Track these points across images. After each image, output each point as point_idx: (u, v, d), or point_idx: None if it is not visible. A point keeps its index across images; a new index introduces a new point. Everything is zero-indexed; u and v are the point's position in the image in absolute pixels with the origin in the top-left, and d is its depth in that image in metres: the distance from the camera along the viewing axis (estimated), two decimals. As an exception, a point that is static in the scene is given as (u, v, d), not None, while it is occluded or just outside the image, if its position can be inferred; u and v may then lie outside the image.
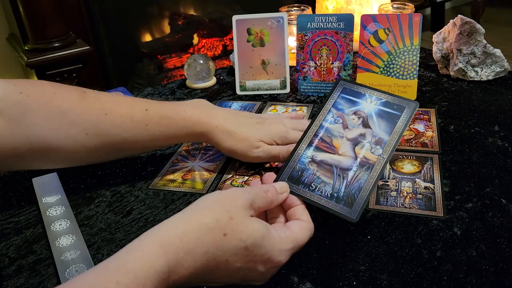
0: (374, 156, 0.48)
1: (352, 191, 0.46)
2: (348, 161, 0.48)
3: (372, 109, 0.50)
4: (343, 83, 0.53)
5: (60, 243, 0.57)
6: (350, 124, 0.49)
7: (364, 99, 0.51)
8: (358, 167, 0.48)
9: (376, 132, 0.49)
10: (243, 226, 0.43)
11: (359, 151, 0.49)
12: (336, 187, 0.46)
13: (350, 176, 0.47)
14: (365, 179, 0.47)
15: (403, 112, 0.50)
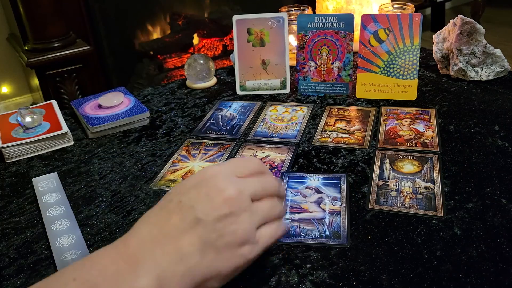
0: (337, 207, 0.60)
1: (335, 229, 0.57)
2: (320, 214, 0.60)
3: (318, 183, 0.65)
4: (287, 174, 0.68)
5: (60, 243, 0.57)
6: (307, 194, 0.63)
7: (307, 179, 0.66)
8: (329, 215, 0.59)
9: (329, 194, 0.63)
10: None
11: (324, 206, 0.61)
12: (320, 230, 0.57)
13: (327, 222, 0.58)
14: (339, 220, 0.58)
15: (340, 180, 0.66)
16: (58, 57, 1.93)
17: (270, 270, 0.51)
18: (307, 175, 0.67)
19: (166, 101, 0.96)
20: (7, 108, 2.47)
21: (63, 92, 1.99)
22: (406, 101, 0.87)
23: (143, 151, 0.78)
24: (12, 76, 2.47)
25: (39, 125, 0.82)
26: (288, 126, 0.82)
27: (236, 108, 0.90)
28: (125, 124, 0.85)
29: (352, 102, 0.89)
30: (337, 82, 0.91)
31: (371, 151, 0.72)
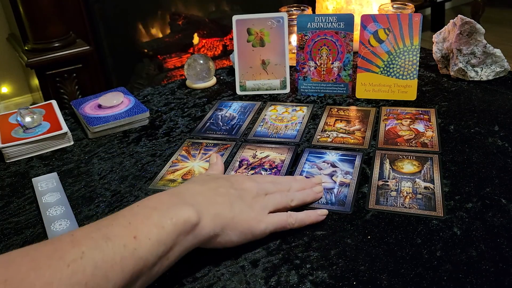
0: (347, 180, 0.65)
1: (340, 198, 0.62)
2: (331, 185, 0.65)
3: (334, 158, 0.71)
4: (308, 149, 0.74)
5: (60, 243, 0.57)
6: (322, 167, 0.69)
7: (326, 154, 0.72)
8: (338, 186, 0.64)
9: (343, 169, 0.68)
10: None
11: (336, 179, 0.66)
12: (327, 198, 0.62)
13: (335, 191, 0.63)
14: (346, 191, 0.63)
15: (356, 157, 0.70)
16: (58, 57, 1.93)
17: (270, 270, 0.51)
18: (326, 151, 0.73)
19: (166, 101, 0.96)
20: (7, 108, 2.47)
21: (63, 92, 1.99)
22: (406, 101, 0.87)
23: (143, 151, 0.78)
24: (12, 76, 2.47)
25: (39, 125, 0.82)
26: (288, 126, 0.82)
27: (236, 108, 0.90)
28: (125, 124, 0.85)
29: (352, 102, 0.89)
30: (337, 82, 0.91)
31: (371, 151, 0.72)
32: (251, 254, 0.54)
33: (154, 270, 0.46)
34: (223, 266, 0.52)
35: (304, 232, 0.56)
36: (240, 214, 0.53)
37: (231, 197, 0.54)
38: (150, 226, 0.46)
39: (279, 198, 0.57)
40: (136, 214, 0.47)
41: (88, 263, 0.40)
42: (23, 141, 0.78)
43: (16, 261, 0.39)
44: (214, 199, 0.53)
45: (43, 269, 0.38)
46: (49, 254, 0.40)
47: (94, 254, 0.41)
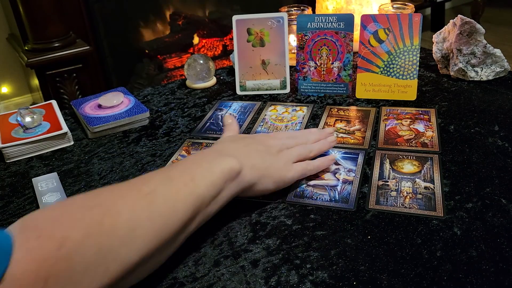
0: (351, 177, 0.66)
1: (344, 195, 0.63)
2: (334, 182, 0.65)
3: (337, 156, 0.71)
4: None
5: (60, 243, 0.57)
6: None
7: (328, 152, 0.71)
8: (342, 183, 0.65)
9: (346, 166, 0.68)
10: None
11: (339, 176, 0.66)
12: (331, 195, 0.63)
13: (339, 188, 0.64)
14: (350, 188, 0.64)
15: (359, 155, 0.71)
16: (58, 57, 1.93)
17: (270, 270, 0.51)
18: (329, 149, 0.72)
19: (166, 101, 0.96)
20: (7, 108, 2.47)
21: (63, 92, 1.99)
22: (406, 101, 0.87)
23: (143, 151, 0.78)
24: (12, 76, 2.47)
25: (39, 125, 0.82)
26: (288, 126, 0.82)
27: (236, 108, 0.90)
28: (125, 124, 0.85)
29: (352, 102, 0.89)
30: (337, 82, 0.91)
31: (371, 151, 0.72)
32: (251, 254, 0.54)
33: (208, 209, 0.53)
34: (223, 266, 0.52)
35: (304, 232, 0.56)
36: (271, 165, 0.60)
37: (261, 152, 0.61)
38: (203, 171, 0.53)
39: (300, 150, 0.64)
40: (189, 163, 0.55)
41: (159, 196, 0.48)
42: (23, 141, 0.78)
43: (104, 192, 0.48)
44: (248, 154, 0.59)
45: (126, 198, 0.47)
46: (128, 189, 0.49)
47: (162, 189, 0.49)
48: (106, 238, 0.42)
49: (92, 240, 0.41)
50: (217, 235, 0.57)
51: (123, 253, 0.43)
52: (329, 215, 0.59)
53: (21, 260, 0.38)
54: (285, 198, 0.63)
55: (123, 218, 0.45)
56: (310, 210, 0.60)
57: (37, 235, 0.40)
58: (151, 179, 0.51)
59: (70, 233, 0.41)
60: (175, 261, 0.54)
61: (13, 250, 0.38)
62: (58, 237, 0.40)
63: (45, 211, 0.44)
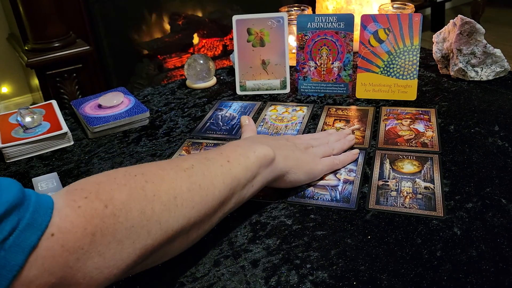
0: (351, 177, 0.66)
1: (345, 195, 0.63)
2: (335, 182, 0.66)
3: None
4: None
5: (60, 243, 0.57)
6: None
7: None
8: (343, 183, 0.65)
9: (346, 166, 0.69)
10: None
11: (340, 176, 0.67)
12: (332, 195, 0.63)
13: (340, 188, 0.64)
14: (351, 188, 0.64)
15: (359, 155, 0.71)
16: (58, 57, 1.93)
17: (270, 270, 0.51)
18: None
19: (166, 101, 0.96)
20: (7, 108, 2.47)
21: (63, 92, 1.99)
22: (406, 101, 0.87)
23: (143, 151, 0.78)
24: (12, 76, 2.47)
25: (39, 125, 0.82)
26: (288, 126, 0.82)
27: (236, 108, 0.90)
28: (125, 124, 0.85)
29: (352, 102, 0.89)
30: (337, 82, 0.91)
31: (371, 150, 0.72)
32: (251, 254, 0.54)
33: (243, 192, 0.55)
34: (223, 266, 0.52)
35: (304, 232, 0.56)
36: (301, 158, 0.63)
37: (290, 146, 0.63)
38: (238, 156, 0.55)
39: (323, 148, 0.67)
40: (224, 149, 0.57)
41: (198, 171, 0.51)
42: (23, 141, 0.78)
43: (146, 165, 0.50)
44: (279, 146, 0.61)
45: (166, 169, 0.49)
46: (168, 163, 0.51)
47: (201, 166, 0.51)
48: (149, 202, 0.45)
49: (136, 202, 0.44)
50: (217, 235, 0.57)
51: (165, 218, 0.45)
52: (329, 215, 0.59)
53: (70, 216, 0.40)
54: (286, 198, 0.63)
55: (164, 186, 0.47)
56: (310, 210, 0.60)
57: (84, 196, 0.42)
58: (189, 158, 0.54)
59: (114, 195, 0.43)
60: (175, 261, 0.53)
61: (59, 208, 0.40)
62: (104, 198, 0.42)
63: (90, 178, 0.46)
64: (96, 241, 0.40)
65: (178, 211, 0.47)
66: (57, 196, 0.42)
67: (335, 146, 0.70)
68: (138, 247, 0.43)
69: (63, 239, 0.39)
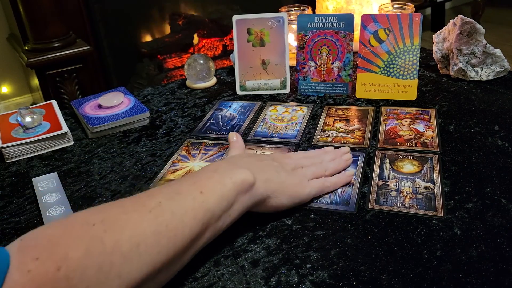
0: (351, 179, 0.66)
1: (345, 197, 0.62)
2: None
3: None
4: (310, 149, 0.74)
5: (60, 243, 0.57)
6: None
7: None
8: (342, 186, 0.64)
9: (346, 169, 0.67)
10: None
11: None
12: (332, 197, 0.62)
13: (339, 191, 0.64)
14: (350, 191, 0.63)
15: (359, 157, 0.70)
16: (58, 57, 1.93)
17: (270, 270, 0.51)
18: None
19: (166, 101, 0.96)
20: (7, 108, 2.47)
21: (63, 92, 1.99)
22: (406, 101, 0.87)
23: (143, 151, 0.78)
24: (12, 76, 2.47)
25: (39, 125, 0.82)
26: (288, 126, 0.82)
27: (236, 108, 0.90)
28: (125, 124, 0.85)
29: (352, 102, 0.89)
30: (337, 82, 0.91)
31: (371, 150, 0.72)
32: (251, 254, 0.54)
33: (219, 224, 0.52)
34: (223, 266, 0.52)
35: (304, 232, 0.56)
36: (286, 181, 0.59)
37: (275, 167, 0.60)
38: (213, 184, 0.52)
39: (315, 169, 0.63)
40: (199, 176, 0.54)
41: (165, 210, 0.47)
42: (23, 141, 0.78)
43: (107, 208, 0.47)
44: (262, 168, 0.58)
45: (130, 213, 0.46)
46: (132, 203, 0.47)
47: (169, 203, 0.48)
48: (107, 255, 0.41)
49: (93, 258, 0.40)
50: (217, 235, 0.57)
51: (126, 270, 0.42)
52: (329, 215, 0.59)
53: (19, 282, 0.37)
54: None
55: (126, 234, 0.43)
56: (310, 210, 0.60)
57: (36, 257, 0.39)
58: (157, 193, 0.49)
59: (69, 253, 0.40)
60: (175, 261, 0.54)
61: (9, 270, 0.37)
62: (57, 258, 0.39)
63: (46, 229, 0.43)
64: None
65: (142, 260, 0.43)
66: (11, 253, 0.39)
67: (329, 166, 0.65)
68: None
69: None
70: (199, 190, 0.50)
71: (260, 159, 0.62)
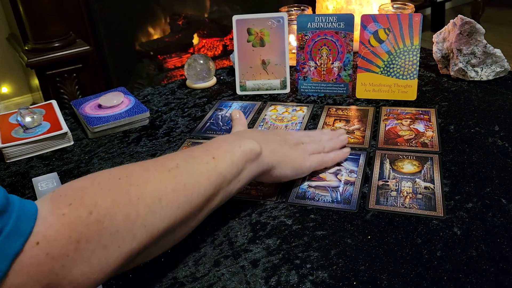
0: (352, 178, 0.66)
1: (346, 196, 0.63)
2: (336, 183, 0.66)
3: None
4: None
5: (60, 243, 0.57)
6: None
7: None
8: (344, 184, 0.65)
9: (348, 167, 0.68)
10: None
11: (341, 177, 0.67)
12: (333, 196, 0.63)
13: (341, 189, 0.64)
14: (352, 189, 0.64)
15: (361, 156, 0.71)
16: (58, 57, 1.93)
17: (270, 270, 0.51)
18: None
19: (166, 101, 0.96)
20: (7, 108, 2.47)
21: (63, 92, 1.99)
22: (406, 101, 0.87)
23: (143, 151, 0.78)
24: (12, 76, 2.47)
25: (39, 125, 0.82)
26: (288, 126, 0.82)
27: (236, 108, 0.90)
28: (125, 124, 0.85)
29: (352, 102, 0.89)
30: (337, 82, 0.91)
31: (371, 151, 0.72)
32: (251, 254, 0.54)
33: (229, 188, 0.54)
34: (223, 266, 0.52)
35: (304, 232, 0.56)
36: (289, 153, 0.63)
37: (279, 141, 0.63)
38: (224, 152, 0.55)
39: (314, 146, 0.67)
40: (210, 145, 0.57)
41: (183, 170, 0.50)
42: (23, 141, 0.78)
43: (130, 166, 0.50)
44: (267, 140, 0.61)
45: (151, 171, 0.49)
46: (152, 164, 0.51)
47: (186, 165, 0.51)
48: (133, 206, 0.44)
49: (120, 207, 0.43)
50: (217, 235, 0.57)
51: (150, 220, 0.45)
52: (329, 215, 0.59)
53: (55, 224, 0.40)
54: (287, 199, 0.63)
55: (149, 188, 0.46)
56: (310, 210, 0.60)
57: (69, 203, 0.41)
58: (174, 156, 0.53)
59: (98, 201, 0.43)
60: (175, 261, 0.54)
61: (43, 215, 0.40)
62: (88, 204, 0.42)
63: (74, 183, 0.45)
64: (81, 248, 0.40)
65: (164, 212, 0.47)
66: (41, 203, 0.42)
67: (327, 144, 0.69)
68: (124, 251, 0.43)
69: (48, 247, 0.39)
70: (212, 156, 0.54)
71: (264, 133, 0.66)
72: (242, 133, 0.64)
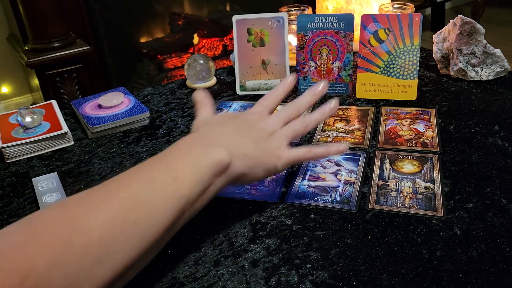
0: (352, 178, 0.66)
1: (345, 196, 0.62)
2: (335, 183, 0.65)
3: (338, 157, 0.71)
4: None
5: (60, 243, 0.57)
6: (326, 165, 0.69)
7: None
8: (343, 184, 0.65)
9: (347, 167, 0.68)
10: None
11: (340, 177, 0.66)
12: (332, 196, 0.63)
13: (340, 189, 0.64)
14: (351, 190, 0.63)
15: (360, 156, 0.70)
16: (58, 57, 1.93)
17: (270, 270, 0.51)
18: None
19: (166, 101, 0.96)
20: (7, 108, 2.47)
21: (63, 92, 1.99)
22: (406, 101, 0.87)
23: (143, 151, 0.78)
24: (12, 76, 2.47)
25: (39, 125, 0.82)
26: (288, 126, 0.82)
27: (236, 108, 0.90)
28: (125, 124, 0.85)
29: (352, 102, 0.89)
30: (337, 82, 0.91)
31: (371, 150, 0.72)
32: (251, 254, 0.54)
33: (195, 207, 0.50)
34: (223, 266, 0.52)
35: (304, 232, 0.56)
36: (264, 153, 0.56)
37: (253, 137, 0.56)
38: (187, 167, 0.49)
39: (294, 126, 0.60)
40: (171, 158, 0.51)
41: (137, 203, 0.44)
42: (23, 141, 0.78)
43: (75, 203, 0.44)
44: (240, 141, 0.55)
45: (99, 209, 0.43)
46: (103, 196, 0.45)
47: (141, 194, 0.45)
48: (76, 260, 0.39)
49: (60, 265, 0.38)
50: (217, 235, 0.57)
51: (96, 272, 0.40)
52: (329, 215, 0.59)
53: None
54: (286, 199, 0.63)
55: (95, 235, 0.41)
56: (310, 210, 0.60)
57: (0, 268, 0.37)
58: (128, 181, 0.47)
59: (35, 263, 0.37)
60: (175, 261, 0.54)
61: None
62: (22, 270, 0.37)
63: (12, 236, 0.40)
64: None
65: (112, 261, 0.41)
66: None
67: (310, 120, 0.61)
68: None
69: None
70: (173, 175, 0.48)
71: (237, 128, 0.57)
72: (209, 133, 0.55)
